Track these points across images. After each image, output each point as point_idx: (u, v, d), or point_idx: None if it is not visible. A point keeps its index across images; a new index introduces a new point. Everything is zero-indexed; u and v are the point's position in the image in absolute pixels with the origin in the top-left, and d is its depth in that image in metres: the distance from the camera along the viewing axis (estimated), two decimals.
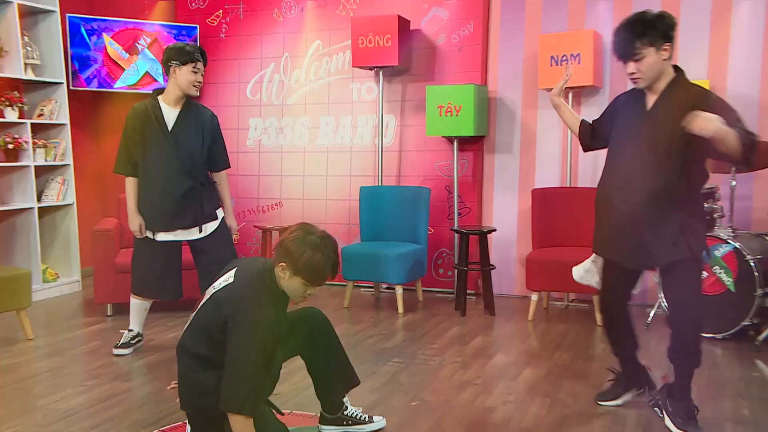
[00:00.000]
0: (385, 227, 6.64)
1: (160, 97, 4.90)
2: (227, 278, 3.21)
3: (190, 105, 4.95)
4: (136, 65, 7.34)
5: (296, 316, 3.53)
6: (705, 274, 5.13)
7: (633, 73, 3.45)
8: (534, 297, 6.07)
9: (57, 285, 6.79)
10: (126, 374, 4.64)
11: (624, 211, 3.58)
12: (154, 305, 5.36)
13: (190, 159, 4.93)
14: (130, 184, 4.93)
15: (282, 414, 3.43)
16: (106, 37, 7.24)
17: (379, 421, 3.71)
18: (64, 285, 6.85)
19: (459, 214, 6.84)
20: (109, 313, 6.08)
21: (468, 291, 6.37)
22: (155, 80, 7.38)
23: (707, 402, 4.00)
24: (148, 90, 7.31)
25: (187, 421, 3.37)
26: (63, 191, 6.86)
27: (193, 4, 7.70)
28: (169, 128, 4.86)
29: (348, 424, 3.62)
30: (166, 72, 4.87)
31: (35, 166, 6.62)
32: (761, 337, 5.11)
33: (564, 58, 6.17)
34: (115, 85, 7.28)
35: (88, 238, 7.17)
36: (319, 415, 3.70)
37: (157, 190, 4.90)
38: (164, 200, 4.89)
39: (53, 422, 3.83)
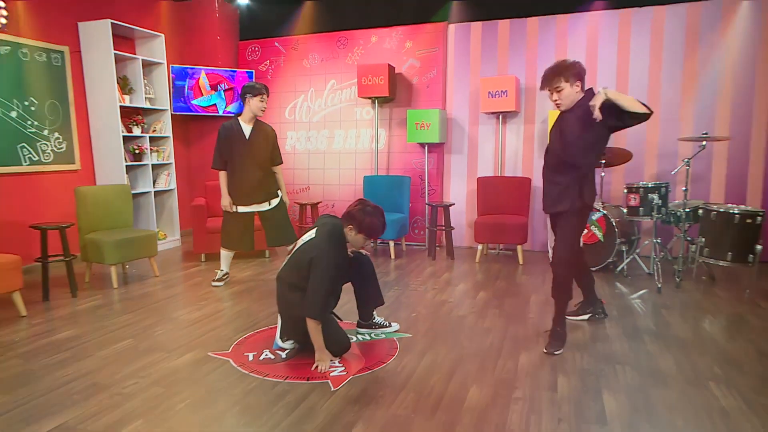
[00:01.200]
0: (380, 202, 6.14)
1: (239, 118, 4.91)
2: (311, 234, 3.33)
3: (258, 122, 4.96)
4: (210, 97, 7.30)
5: (353, 258, 3.64)
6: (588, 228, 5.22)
7: (556, 100, 3.42)
8: (479, 247, 6.15)
9: (166, 242, 6.86)
10: (222, 298, 4.72)
11: (546, 179, 3.54)
12: (236, 254, 5.55)
13: (260, 158, 4.93)
14: (222, 175, 4.94)
15: (341, 320, 3.59)
16: (203, 73, 7.21)
17: (395, 326, 3.85)
18: (170, 242, 6.93)
19: (429, 193, 6.89)
20: (203, 260, 6.14)
21: (436, 244, 6.48)
22: (217, 110, 7.33)
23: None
24: (210, 114, 7.31)
25: (278, 325, 3.53)
26: (168, 180, 6.90)
27: (250, 56, 7.65)
28: (247, 138, 4.88)
29: (376, 327, 3.79)
30: (242, 101, 4.84)
31: (151, 164, 6.64)
32: (618, 269, 5.33)
33: (497, 92, 6.19)
34: (193, 101, 7.20)
35: (184, 211, 7.34)
36: (356, 322, 3.84)
37: (240, 179, 4.92)
38: (245, 185, 4.92)
39: (185, 327, 3.97)
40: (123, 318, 4.19)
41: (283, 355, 3.43)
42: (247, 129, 4.89)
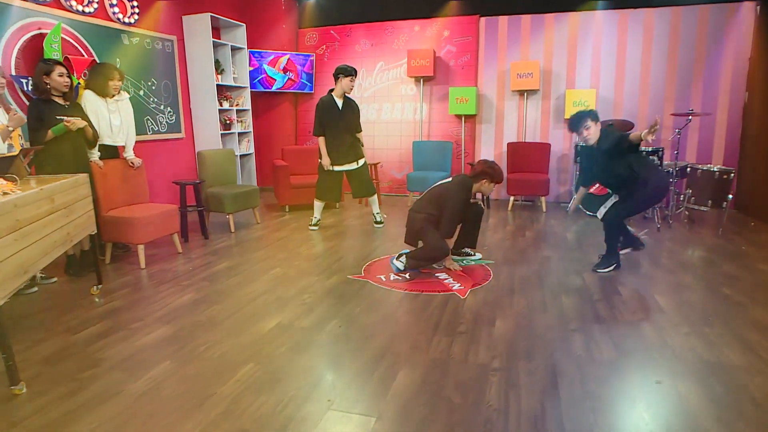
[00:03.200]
0: (428, 162, 6.84)
1: (332, 93, 5.04)
2: (447, 179, 3.82)
3: (347, 98, 5.10)
4: (278, 74, 7.37)
5: (471, 204, 4.05)
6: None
7: (586, 137, 3.61)
8: (510, 198, 6.53)
9: None
10: (325, 238, 4.96)
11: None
12: (325, 205, 5.72)
13: (350, 126, 5.11)
14: (321, 140, 5.07)
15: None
16: (287, 57, 7.33)
17: (478, 255, 4.27)
18: None
19: (465, 156, 7.17)
20: (287, 211, 6.32)
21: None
22: (274, 83, 7.38)
23: (592, 237, 4.32)
24: (269, 87, 7.40)
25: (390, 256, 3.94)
26: (248, 145, 7.13)
27: (308, 42, 7.75)
28: (340, 109, 5.04)
29: (464, 255, 4.22)
30: (335, 80, 4.99)
31: (237, 132, 6.90)
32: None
33: (525, 74, 6.52)
34: (265, 66, 7.23)
35: (259, 169, 7.61)
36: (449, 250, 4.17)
37: (335, 143, 5.08)
38: (339, 148, 5.09)
39: (313, 259, 4.21)
40: (259, 254, 4.40)
41: (407, 275, 3.78)
42: (339, 102, 5.04)
